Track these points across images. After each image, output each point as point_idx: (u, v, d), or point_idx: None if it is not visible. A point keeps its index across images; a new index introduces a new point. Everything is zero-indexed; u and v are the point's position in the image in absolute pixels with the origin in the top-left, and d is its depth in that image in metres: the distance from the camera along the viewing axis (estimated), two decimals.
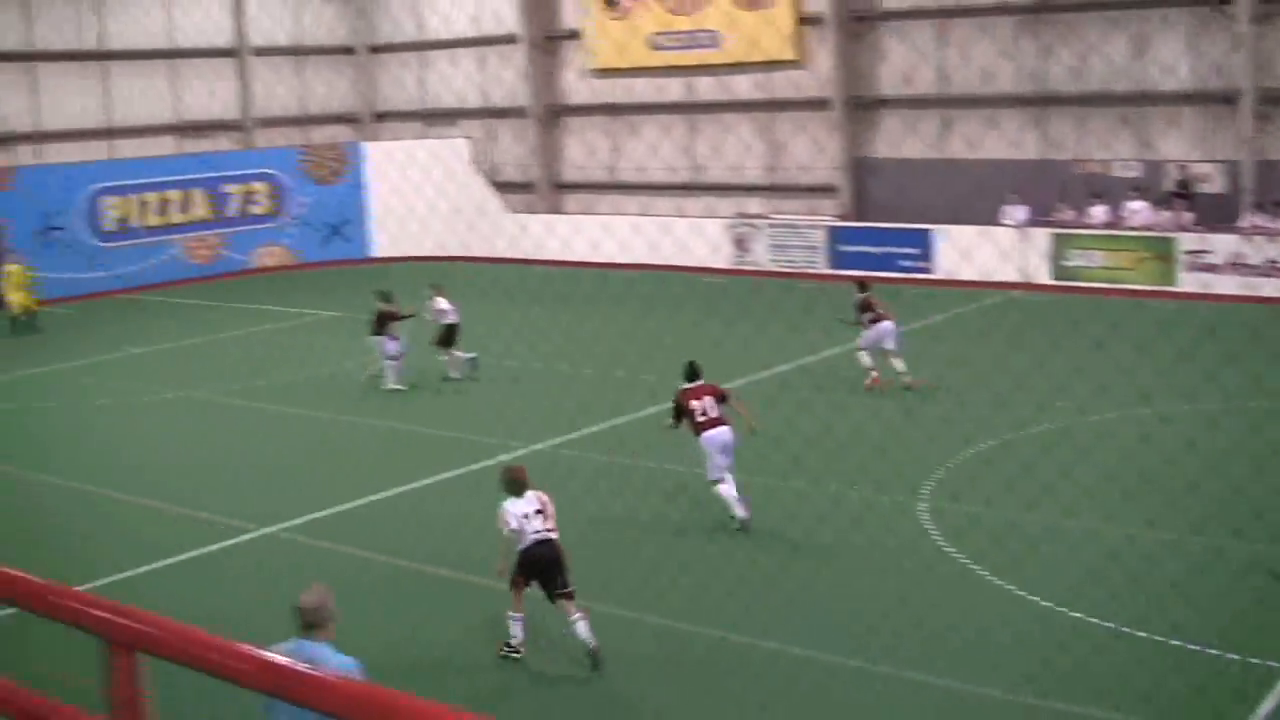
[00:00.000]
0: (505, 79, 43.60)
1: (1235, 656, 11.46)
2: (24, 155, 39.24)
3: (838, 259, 35.19)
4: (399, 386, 23.68)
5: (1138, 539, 14.06)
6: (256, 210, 42.00)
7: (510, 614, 12.44)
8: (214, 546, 16.06)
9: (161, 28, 41.60)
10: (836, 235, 35.68)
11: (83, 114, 40.09)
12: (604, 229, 34.65)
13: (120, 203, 39.13)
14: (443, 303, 24.63)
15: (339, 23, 46.48)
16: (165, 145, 41.89)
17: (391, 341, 23.81)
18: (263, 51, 44.07)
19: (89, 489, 18.56)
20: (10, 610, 6.21)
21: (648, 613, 13.12)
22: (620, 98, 40.85)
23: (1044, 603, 12.87)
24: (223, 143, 43.37)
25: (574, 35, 42.19)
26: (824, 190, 37.25)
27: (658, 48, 39.41)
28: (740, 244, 36.81)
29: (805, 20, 37.26)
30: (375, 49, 47.07)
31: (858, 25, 36.36)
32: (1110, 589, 12.70)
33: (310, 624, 8.06)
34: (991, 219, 33.00)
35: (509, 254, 37.34)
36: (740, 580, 13.64)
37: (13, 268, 33.71)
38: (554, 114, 43.24)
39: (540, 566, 12.32)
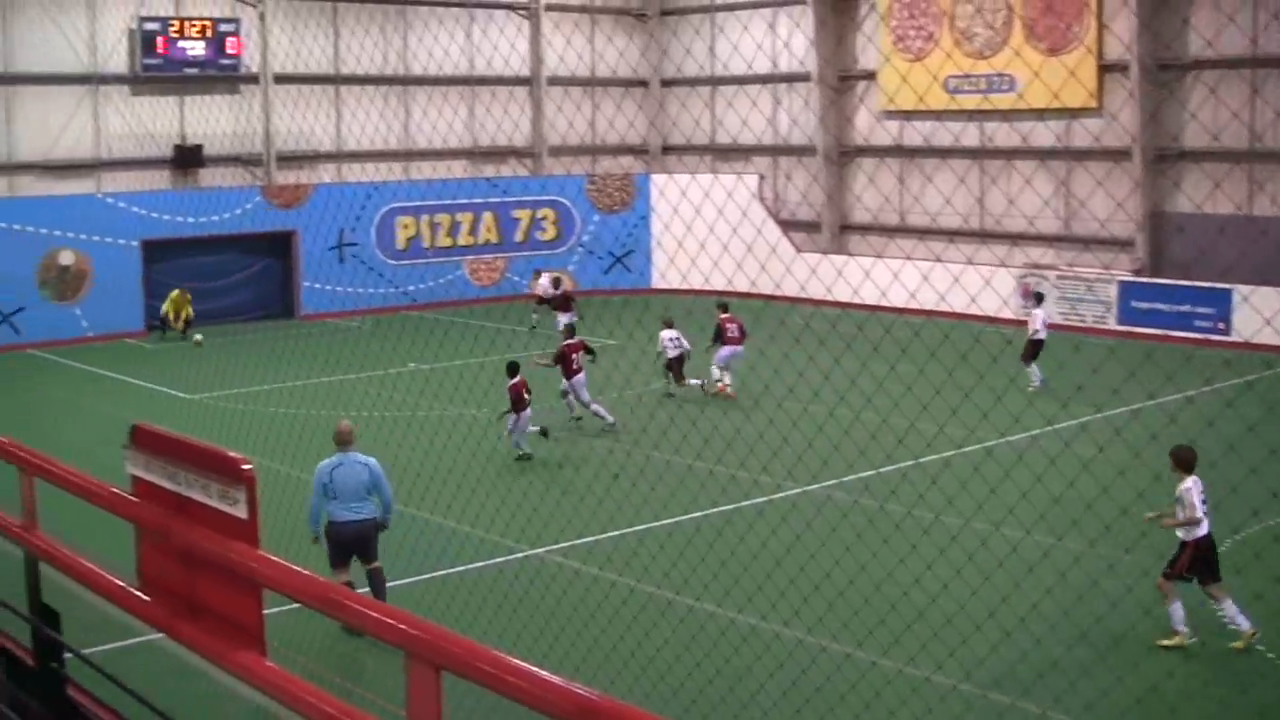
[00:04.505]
0: (796, 117, 43.38)
1: None
2: (325, 173, 40.84)
3: (1130, 316, 33.99)
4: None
5: None
6: (542, 236, 42.79)
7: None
8: (480, 564, 16.33)
9: (461, 55, 42.71)
10: (1129, 291, 34.44)
11: (381, 136, 41.49)
12: (892, 274, 33.50)
13: (411, 222, 40.40)
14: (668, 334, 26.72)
15: (632, 54, 47.06)
16: (457, 169, 43.11)
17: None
18: (557, 81, 44.94)
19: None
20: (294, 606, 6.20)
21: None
22: (913, 140, 39.93)
23: None
24: (513, 168, 44.33)
25: (869, 76, 41.79)
26: (1120, 244, 35.93)
27: (953, 91, 38.65)
28: (1028, 296, 35.75)
29: (1108, 68, 36.06)
30: (667, 82, 47.46)
31: (1164, 74, 34.96)
32: None
33: (344, 442, 13.98)
34: None
35: (793, 293, 36.02)
36: None
37: (175, 294, 35.63)
38: (844, 154, 42.87)
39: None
